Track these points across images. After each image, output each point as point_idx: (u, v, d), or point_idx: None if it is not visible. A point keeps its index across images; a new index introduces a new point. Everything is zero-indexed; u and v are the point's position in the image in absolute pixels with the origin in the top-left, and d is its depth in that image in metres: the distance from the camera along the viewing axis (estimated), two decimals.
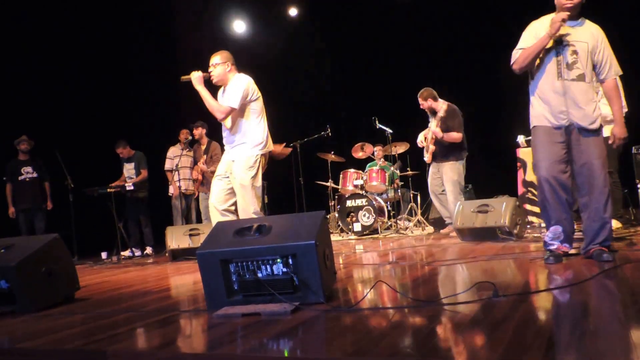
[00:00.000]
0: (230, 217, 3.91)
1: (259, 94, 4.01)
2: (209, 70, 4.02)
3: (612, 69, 3.14)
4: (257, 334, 1.92)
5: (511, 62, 3.21)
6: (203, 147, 6.69)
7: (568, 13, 3.01)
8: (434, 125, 5.86)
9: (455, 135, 5.82)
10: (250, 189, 3.83)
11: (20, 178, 6.71)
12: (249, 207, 3.82)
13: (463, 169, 5.91)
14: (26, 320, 2.62)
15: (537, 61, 3.14)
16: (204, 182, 6.66)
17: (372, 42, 9.84)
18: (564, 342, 1.57)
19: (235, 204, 3.95)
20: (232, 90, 3.89)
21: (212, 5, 9.54)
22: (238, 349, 1.76)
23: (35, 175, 6.77)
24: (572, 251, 3.47)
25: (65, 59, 7.72)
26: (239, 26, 9.85)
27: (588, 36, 3.08)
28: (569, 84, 3.06)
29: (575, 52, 3.06)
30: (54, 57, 7.60)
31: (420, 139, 6.17)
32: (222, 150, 4.26)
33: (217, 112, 3.88)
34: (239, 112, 3.92)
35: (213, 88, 4.07)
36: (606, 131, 4.86)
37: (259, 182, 3.89)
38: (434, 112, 5.98)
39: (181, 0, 8.73)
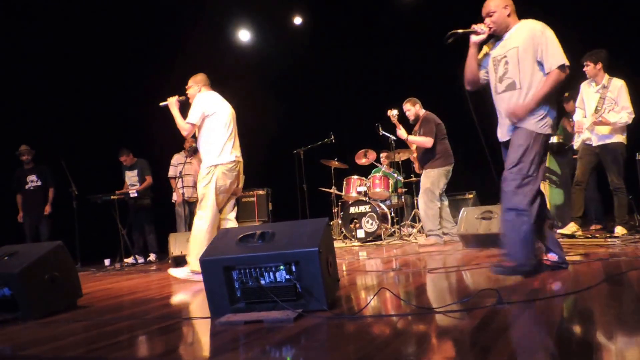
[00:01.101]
0: (230, 224, 4.29)
1: (219, 108, 4.26)
2: (186, 92, 4.43)
3: (551, 60, 2.81)
4: (260, 341, 1.91)
5: None
6: None
7: (481, 37, 3.01)
8: (397, 131, 5.87)
9: (421, 139, 5.73)
10: (204, 198, 4.17)
11: (26, 187, 6.81)
12: (202, 214, 4.19)
13: (440, 177, 5.67)
14: (29, 327, 2.62)
15: None
16: None
17: (376, 48, 9.86)
18: (569, 349, 1.56)
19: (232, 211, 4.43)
20: (191, 109, 4.24)
21: (217, 14, 9.59)
22: (240, 357, 1.75)
23: (39, 183, 6.84)
24: (576, 258, 3.45)
25: (70, 67, 7.77)
26: (244, 35, 9.91)
27: (517, 39, 2.91)
28: (500, 97, 2.98)
29: (506, 63, 2.94)
30: (59, 65, 7.65)
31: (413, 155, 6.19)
32: None
33: (181, 130, 4.24)
34: (199, 129, 4.26)
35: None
36: (616, 138, 4.86)
37: (211, 191, 4.15)
38: (415, 123, 5.99)
39: (186, 9, 8.77)
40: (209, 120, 4.20)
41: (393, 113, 5.98)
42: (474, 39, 3.03)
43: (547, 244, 3.00)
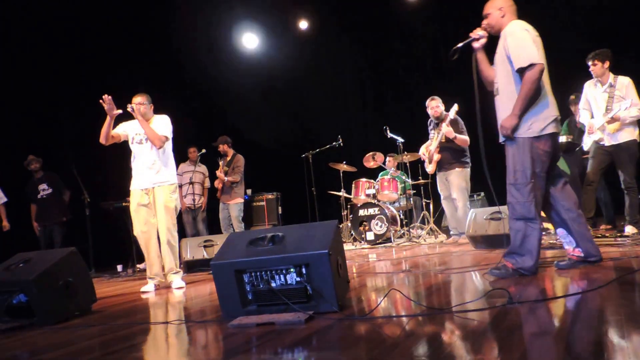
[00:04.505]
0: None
1: None
2: (136, 105, 4.40)
3: (516, 63, 2.85)
4: (272, 343, 1.93)
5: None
6: (227, 159, 6.85)
7: (481, 41, 3.11)
8: (444, 127, 5.81)
9: (465, 137, 5.85)
10: (176, 210, 4.45)
11: (39, 196, 6.88)
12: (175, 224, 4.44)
13: (469, 176, 5.91)
14: (45, 332, 2.67)
15: None
16: (224, 190, 6.77)
17: (382, 51, 9.88)
18: (580, 350, 1.56)
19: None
20: (164, 124, 4.42)
21: (224, 20, 9.66)
22: (253, 358, 1.78)
23: (50, 190, 6.92)
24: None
25: (79, 74, 7.86)
26: (250, 40, 9.98)
27: (499, 45, 3.00)
28: (495, 100, 3.11)
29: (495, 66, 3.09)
30: (67, 71, 7.73)
31: (422, 151, 6.19)
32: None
33: (157, 140, 4.33)
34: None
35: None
36: (626, 134, 4.83)
37: (178, 205, 4.51)
38: (438, 121, 5.99)
39: (193, 16, 8.85)
40: (170, 141, 4.49)
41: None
42: (475, 45, 3.15)
43: (575, 239, 3.04)
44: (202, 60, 9.10)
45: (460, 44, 3.17)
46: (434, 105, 6.00)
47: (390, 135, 7.00)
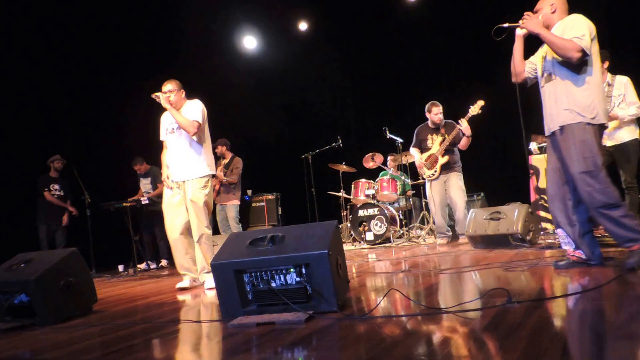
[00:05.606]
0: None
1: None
2: (166, 93, 4.20)
3: (568, 34, 2.89)
4: (272, 342, 1.94)
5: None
6: (225, 161, 6.92)
7: (524, 31, 3.12)
8: (464, 123, 5.75)
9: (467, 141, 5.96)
10: (208, 206, 4.22)
11: (45, 191, 6.89)
12: (207, 223, 4.19)
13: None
14: (46, 332, 2.67)
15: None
16: (221, 190, 6.83)
17: (381, 52, 9.89)
18: (579, 349, 1.57)
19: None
20: (192, 109, 4.17)
21: (223, 22, 9.67)
22: (253, 358, 1.79)
23: (61, 193, 7.02)
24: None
25: (82, 75, 7.87)
26: (250, 42, 10.00)
27: (557, 32, 2.98)
28: (542, 90, 3.11)
29: (544, 59, 3.10)
30: (67, 71, 7.74)
31: (420, 158, 6.21)
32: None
33: (189, 127, 4.09)
34: (197, 133, 4.17)
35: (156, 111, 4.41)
36: (627, 134, 4.83)
37: (210, 200, 4.26)
38: (438, 127, 6.06)
39: (192, 18, 8.86)
40: (204, 127, 4.23)
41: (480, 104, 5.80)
42: (518, 32, 3.17)
43: (576, 241, 3.06)
44: (203, 62, 9.10)
45: (505, 24, 3.18)
46: (437, 112, 6.05)
47: (389, 135, 7.02)
